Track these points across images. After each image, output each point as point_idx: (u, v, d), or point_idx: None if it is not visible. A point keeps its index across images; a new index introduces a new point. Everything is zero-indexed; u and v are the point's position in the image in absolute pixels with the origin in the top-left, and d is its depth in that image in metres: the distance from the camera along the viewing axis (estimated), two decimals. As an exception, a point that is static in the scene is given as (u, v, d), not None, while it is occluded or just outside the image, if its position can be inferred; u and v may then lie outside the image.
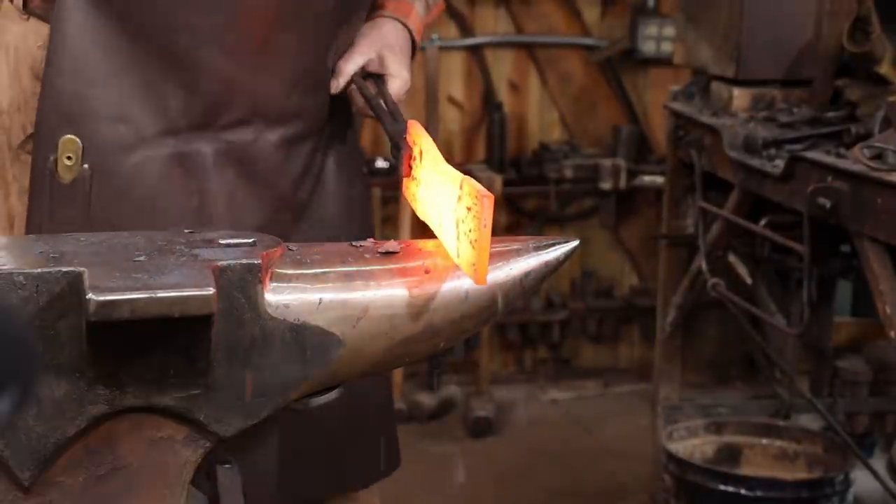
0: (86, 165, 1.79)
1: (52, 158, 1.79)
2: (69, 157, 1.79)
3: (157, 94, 1.81)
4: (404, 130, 1.70)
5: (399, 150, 1.71)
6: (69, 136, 1.78)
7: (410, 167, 1.65)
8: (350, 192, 2.06)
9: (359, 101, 1.99)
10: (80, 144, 1.79)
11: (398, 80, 1.97)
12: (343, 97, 2.01)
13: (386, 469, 2.15)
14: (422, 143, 1.61)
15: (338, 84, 1.96)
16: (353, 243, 1.53)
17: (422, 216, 1.58)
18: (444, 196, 1.47)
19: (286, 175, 1.94)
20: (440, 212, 1.49)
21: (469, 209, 1.38)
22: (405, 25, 2.04)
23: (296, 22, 1.85)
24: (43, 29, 1.82)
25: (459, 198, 1.40)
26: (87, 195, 1.79)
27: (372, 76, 1.99)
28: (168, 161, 1.83)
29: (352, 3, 1.94)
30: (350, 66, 1.96)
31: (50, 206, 1.80)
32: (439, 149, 1.56)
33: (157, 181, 1.82)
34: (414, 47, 2.06)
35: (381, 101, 1.94)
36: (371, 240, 1.54)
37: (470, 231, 1.37)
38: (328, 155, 2.02)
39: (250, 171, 1.89)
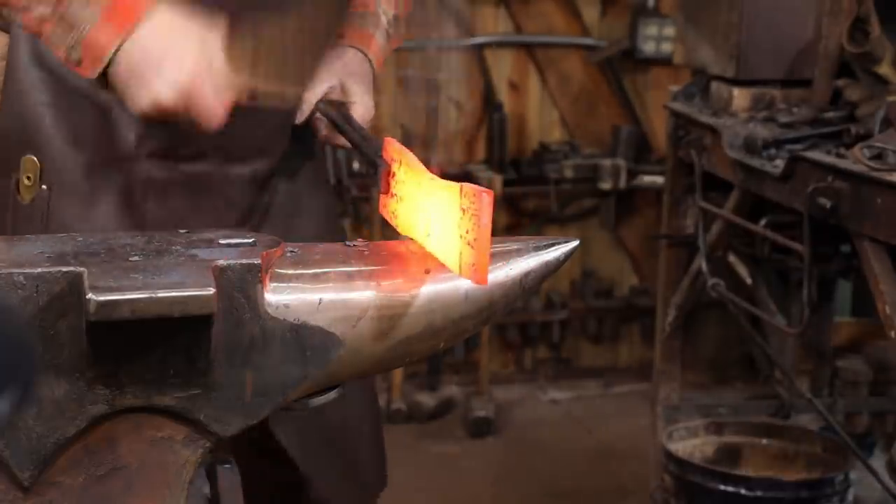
0: (44, 186, 1.79)
1: (14, 178, 1.79)
2: (28, 178, 1.79)
3: (114, 124, 1.79)
4: (380, 148, 1.67)
5: (376, 168, 1.67)
6: (29, 156, 1.78)
7: (389, 184, 1.62)
8: (319, 218, 2.04)
9: (322, 130, 1.95)
10: (39, 165, 1.79)
11: (362, 107, 1.94)
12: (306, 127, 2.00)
13: (371, 490, 2.12)
14: (402, 157, 1.58)
15: (301, 113, 1.92)
16: (349, 243, 1.54)
17: (404, 231, 1.56)
18: (436, 205, 1.45)
19: (242, 208, 1.91)
20: (429, 222, 1.47)
21: (465, 210, 1.36)
22: (365, 55, 2.01)
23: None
24: (3, 38, 1.81)
25: (458, 202, 1.38)
26: (44, 216, 1.79)
27: (335, 104, 1.95)
28: (122, 187, 1.81)
29: (318, 43, 1.92)
30: (312, 95, 1.93)
31: (12, 225, 1.80)
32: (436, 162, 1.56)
33: (110, 206, 1.81)
34: (374, 76, 2.03)
35: (349, 127, 1.90)
36: (360, 239, 1.55)
37: (467, 232, 1.36)
38: (293, 182, 2.00)
39: (205, 203, 1.86)
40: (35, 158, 1.78)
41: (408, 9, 2.14)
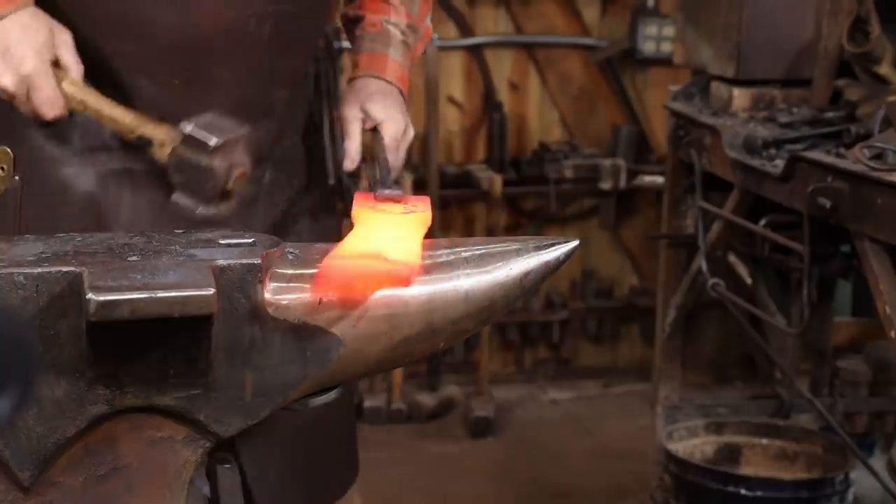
0: (17, 177, 1.78)
1: None
2: (1, 168, 1.78)
3: None
4: (386, 183, 1.75)
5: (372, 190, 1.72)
6: (2, 147, 1.78)
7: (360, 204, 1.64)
8: (321, 224, 2.05)
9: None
10: (12, 155, 1.78)
11: (390, 123, 1.96)
12: (317, 131, 2.02)
13: (341, 485, 2.12)
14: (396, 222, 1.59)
15: (353, 161, 1.96)
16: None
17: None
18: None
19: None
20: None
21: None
22: (381, 79, 2.03)
23: (229, 54, 1.83)
24: None
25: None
26: (17, 207, 1.78)
27: (368, 134, 1.99)
28: (98, 176, 1.82)
29: (291, 33, 1.91)
30: (353, 144, 1.97)
31: None
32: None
33: (86, 196, 1.81)
34: (403, 91, 2.06)
35: (382, 154, 1.94)
36: None
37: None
38: (295, 189, 2.01)
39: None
40: (8, 149, 1.78)
41: (426, 11, 2.14)
